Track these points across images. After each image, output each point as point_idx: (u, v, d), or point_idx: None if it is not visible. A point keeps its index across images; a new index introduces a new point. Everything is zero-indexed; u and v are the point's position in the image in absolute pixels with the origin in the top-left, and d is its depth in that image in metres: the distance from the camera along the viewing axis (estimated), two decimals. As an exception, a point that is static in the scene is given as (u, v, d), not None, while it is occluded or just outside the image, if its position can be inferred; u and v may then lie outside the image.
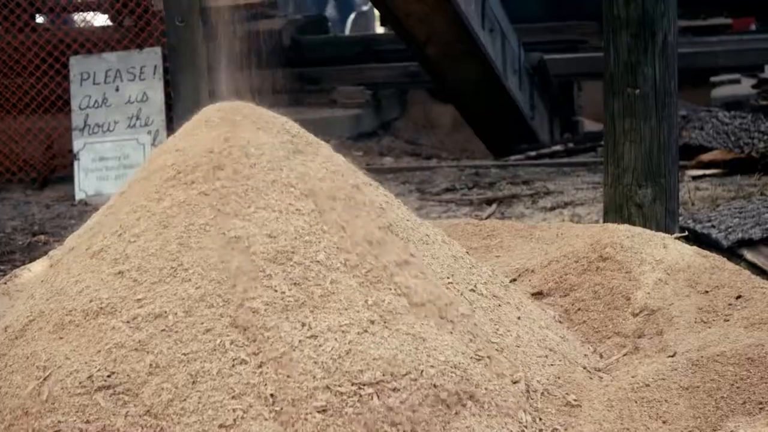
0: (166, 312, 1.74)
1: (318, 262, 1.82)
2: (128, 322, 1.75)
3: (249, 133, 1.99)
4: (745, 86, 7.13)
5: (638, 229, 2.54)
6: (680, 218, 3.26)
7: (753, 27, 9.79)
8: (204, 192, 1.88)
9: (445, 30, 4.88)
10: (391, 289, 1.83)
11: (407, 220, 2.07)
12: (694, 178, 4.67)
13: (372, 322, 1.75)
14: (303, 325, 1.74)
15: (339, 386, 1.67)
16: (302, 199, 1.91)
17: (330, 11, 13.08)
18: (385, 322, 1.77)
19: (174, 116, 4.08)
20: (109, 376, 1.69)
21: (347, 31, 12.91)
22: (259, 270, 1.78)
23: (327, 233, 1.86)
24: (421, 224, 2.13)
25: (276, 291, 1.76)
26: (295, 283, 1.78)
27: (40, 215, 5.07)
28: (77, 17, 6.57)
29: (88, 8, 6.30)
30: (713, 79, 7.60)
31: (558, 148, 6.46)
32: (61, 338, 1.77)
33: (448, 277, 1.99)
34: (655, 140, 3.12)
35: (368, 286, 1.81)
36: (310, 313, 1.76)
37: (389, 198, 2.10)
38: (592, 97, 7.95)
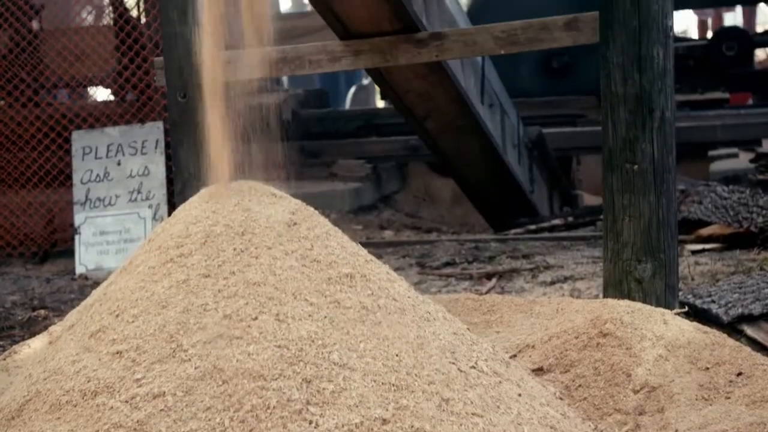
0: (165, 392, 1.73)
1: (329, 357, 1.81)
2: (127, 401, 1.74)
3: (250, 212, 2.00)
4: (743, 160, 7.17)
5: (638, 305, 2.54)
6: (680, 293, 3.26)
7: (750, 101, 9.89)
8: (204, 274, 1.88)
9: (445, 105, 4.91)
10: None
11: (409, 297, 2.07)
12: (694, 252, 4.67)
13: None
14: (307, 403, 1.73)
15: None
16: (304, 281, 1.91)
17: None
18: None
19: (175, 190, 4.08)
20: (107, 456, 1.68)
21: (347, 105, 13.01)
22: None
23: (336, 329, 1.86)
24: (423, 301, 2.13)
25: (279, 377, 1.76)
26: (296, 370, 1.78)
27: (40, 290, 5.06)
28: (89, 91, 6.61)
29: (91, 83, 6.35)
30: (711, 153, 7.65)
31: (557, 222, 6.47)
32: (58, 418, 1.77)
33: (450, 355, 1.99)
34: (654, 216, 3.13)
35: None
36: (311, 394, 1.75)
37: (391, 275, 2.11)
38: (591, 170, 8.00)
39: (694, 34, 14.95)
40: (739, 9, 13.89)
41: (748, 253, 4.55)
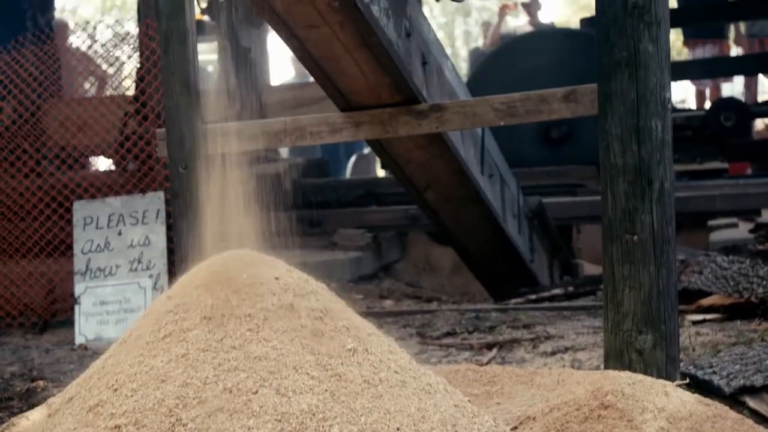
0: (164, 466, 1.73)
1: (329, 431, 1.81)
2: (126, 476, 1.73)
3: (252, 285, 2.00)
4: (742, 230, 7.19)
5: (639, 376, 2.54)
6: (681, 364, 3.26)
7: (749, 171, 9.93)
8: (204, 348, 1.88)
9: (445, 176, 4.93)
10: None
11: (410, 369, 2.07)
12: (695, 323, 4.66)
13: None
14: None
15: None
16: (306, 354, 1.91)
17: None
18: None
19: (176, 260, 4.09)
20: None
21: (348, 174, 13.06)
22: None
23: (337, 402, 1.86)
24: (424, 373, 2.13)
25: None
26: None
27: (39, 360, 5.04)
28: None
29: (93, 153, 6.39)
30: (711, 222, 7.67)
31: (558, 291, 6.47)
32: (55, 494, 1.76)
33: (451, 428, 1.98)
34: (654, 286, 3.14)
35: None
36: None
37: (393, 347, 2.11)
38: (592, 240, 8.01)
39: (692, 104, 15.06)
40: (736, 79, 14.01)
41: (749, 323, 4.54)
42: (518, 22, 14.49)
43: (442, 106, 3.85)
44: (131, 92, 5.99)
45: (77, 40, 6.40)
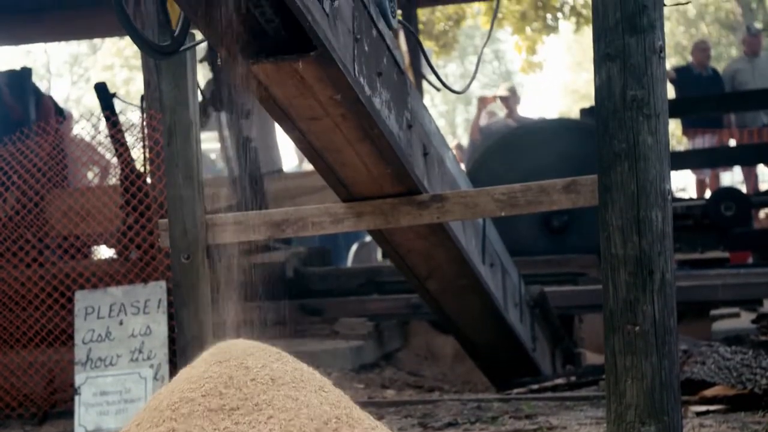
0: None
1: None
2: None
3: (254, 381, 2.00)
4: (744, 320, 7.16)
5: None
6: (685, 456, 3.24)
7: (750, 260, 9.94)
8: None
9: (447, 266, 4.94)
10: None
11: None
12: (698, 414, 4.63)
13: None
14: None
15: None
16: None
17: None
18: None
19: (177, 350, 4.09)
20: None
21: (349, 262, 13.07)
22: None
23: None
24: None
25: None
26: None
27: (38, 451, 5.01)
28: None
29: (95, 243, 6.41)
30: (713, 312, 7.65)
31: (560, 381, 6.44)
32: None
33: None
34: (657, 377, 3.13)
35: None
36: None
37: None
38: (594, 328, 8.00)
39: (692, 192, 15.13)
40: (736, 168, 14.11)
41: (753, 415, 4.52)
42: (498, 116, 14.57)
43: (443, 196, 3.87)
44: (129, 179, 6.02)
45: (81, 131, 6.45)
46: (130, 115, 6.18)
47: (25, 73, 10.95)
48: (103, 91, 6.03)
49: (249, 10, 2.80)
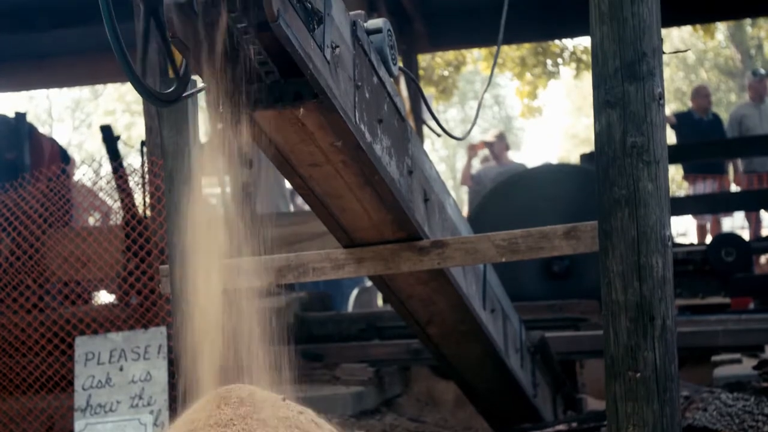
0: None
1: None
2: None
3: (256, 420, 2.00)
4: (746, 366, 7.14)
5: None
6: (688, 504, 3.22)
7: (751, 306, 9.92)
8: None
9: (448, 311, 4.94)
10: None
11: None
12: (700, 460, 4.62)
13: None
14: None
15: None
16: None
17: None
18: None
19: (178, 396, 4.08)
20: None
21: (350, 307, 13.04)
22: None
23: None
24: None
25: None
26: None
27: (36, 498, 4.98)
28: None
29: (96, 288, 6.41)
30: (714, 358, 7.62)
31: (561, 427, 6.40)
32: None
33: None
34: (659, 424, 3.12)
35: None
36: None
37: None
38: (595, 374, 7.96)
39: (693, 237, 15.13)
40: (737, 213, 14.12)
41: (755, 461, 4.50)
42: (489, 163, 14.60)
43: (443, 242, 3.88)
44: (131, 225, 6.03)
45: (82, 176, 6.47)
46: (132, 160, 6.22)
47: (20, 118, 10.99)
48: (108, 134, 6.06)
49: (250, 60, 2.81)
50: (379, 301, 12.65)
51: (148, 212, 5.97)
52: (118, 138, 6.12)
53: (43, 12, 11.66)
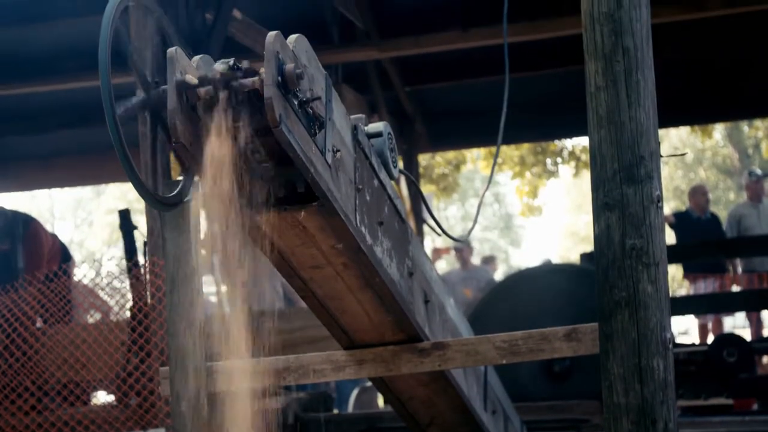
0: None
1: None
2: None
3: None
4: (751, 470, 7.08)
5: None
6: None
7: (755, 407, 9.85)
8: None
9: (448, 413, 4.90)
10: None
11: None
12: None
13: None
14: None
15: None
16: None
17: None
18: None
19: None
20: None
21: (350, 408, 12.94)
22: None
23: None
24: None
25: None
26: None
27: None
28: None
29: (95, 389, 6.38)
30: (720, 459, 7.56)
31: None
32: None
33: None
34: None
35: None
36: None
37: None
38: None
39: (694, 335, 15.07)
40: (737, 314, 14.09)
41: None
42: (456, 267, 14.76)
43: (444, 344, 3.87)
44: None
45: (83, 275, 6.48)
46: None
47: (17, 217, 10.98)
48: (125, 220, 6.08)
49: (252, 167, 2.85)
50: (380, 402, 12.55)
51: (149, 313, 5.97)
52: (135, 228, 6.13)
53: (51, 114, 11.81)
